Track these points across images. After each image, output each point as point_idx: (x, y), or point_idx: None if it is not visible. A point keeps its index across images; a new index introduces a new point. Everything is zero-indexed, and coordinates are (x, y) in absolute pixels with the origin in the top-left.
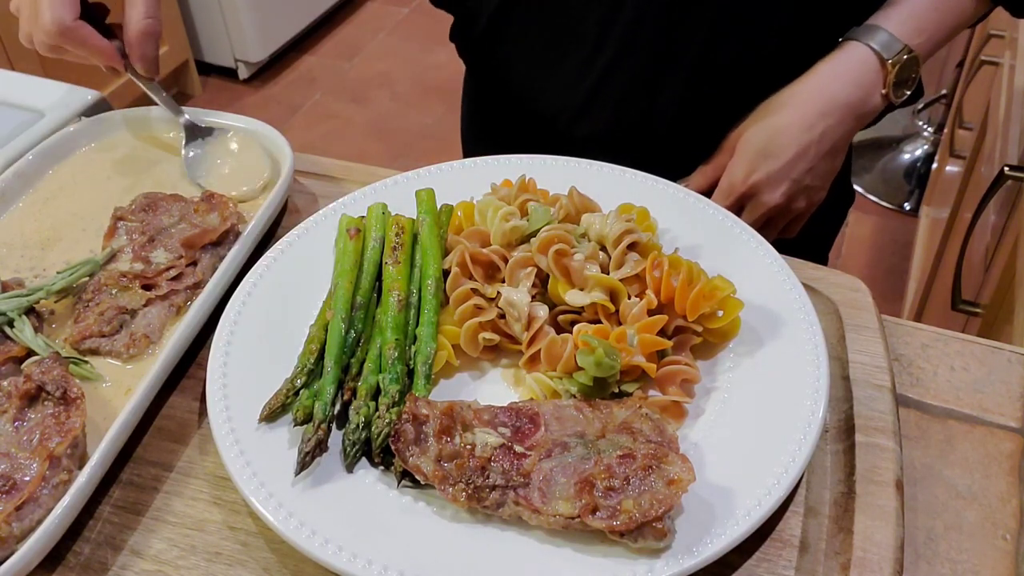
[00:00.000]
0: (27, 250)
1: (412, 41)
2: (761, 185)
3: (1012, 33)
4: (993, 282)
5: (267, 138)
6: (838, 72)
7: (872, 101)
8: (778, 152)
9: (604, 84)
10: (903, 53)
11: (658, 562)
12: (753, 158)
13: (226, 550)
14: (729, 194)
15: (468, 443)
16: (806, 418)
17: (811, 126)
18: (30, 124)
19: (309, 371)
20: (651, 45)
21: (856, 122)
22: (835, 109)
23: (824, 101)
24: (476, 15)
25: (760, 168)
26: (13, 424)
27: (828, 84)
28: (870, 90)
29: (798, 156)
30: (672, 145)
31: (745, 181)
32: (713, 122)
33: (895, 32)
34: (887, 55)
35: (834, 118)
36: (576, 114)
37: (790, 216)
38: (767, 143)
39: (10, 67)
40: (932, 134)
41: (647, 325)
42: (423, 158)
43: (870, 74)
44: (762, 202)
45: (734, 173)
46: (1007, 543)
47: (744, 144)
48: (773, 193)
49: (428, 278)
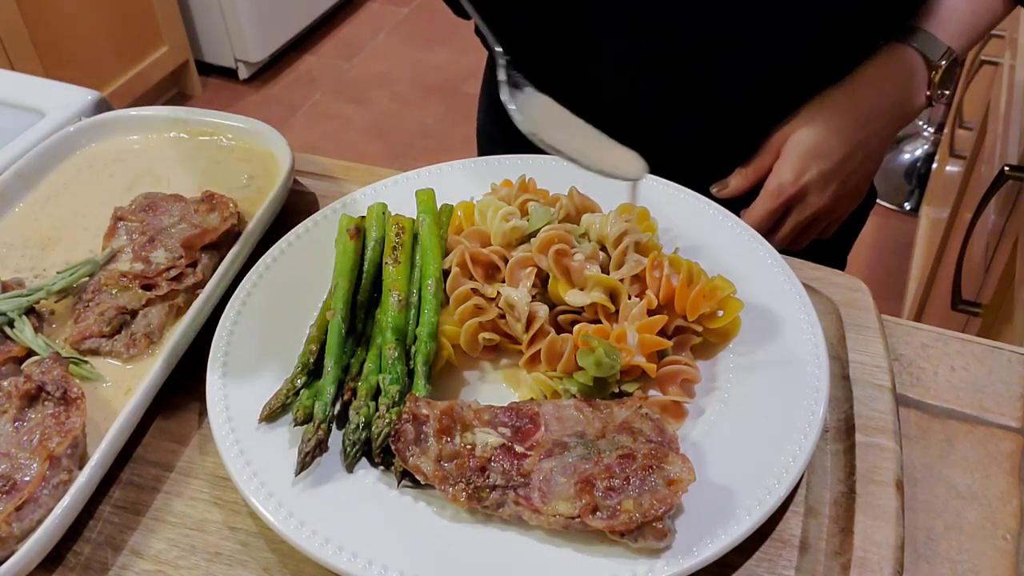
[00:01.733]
0: (27, 250)
1: (412, 41)
2: (812, 186)
3: (1012, 33)
4: (993, 282)
5: (267, 138)
6: (886, 73)
7: (917, 102)
8: (829, 152)
9: (642, 83)
10: (947, 55)
11: (658, 562)
12: (803, 159)
13: (226, 550)
14: (779, 195)
15: (468, 443)
16: (806, 418)
17: (861, 127)
18: (30, 124)
19: (309, 371)
20: (684, 61)
21: (901, 122)
22: (884, 110)
23: (872, 102)
24: (551, 38)
25: (811, 169)
26: (13, 424)
27: (878, 85)
28: (916, 91)
29: (848, 156)
30: (713, 144)
31: (796, 182)
32: (755, 121)
33: (938, 34)
34: (933, 57)
35: (883, 119)
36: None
37: (832, 217)
38: (818, 144)
39: (10, 67)
40: (932, 134)
41: (647, 325)
42: (423, 158)
43: (916, 75)
44: (810, 203)
45: (783, 174)
46: (1007, 543)
47: (793, 145)
48: (822, 194)
49: (428, 278)
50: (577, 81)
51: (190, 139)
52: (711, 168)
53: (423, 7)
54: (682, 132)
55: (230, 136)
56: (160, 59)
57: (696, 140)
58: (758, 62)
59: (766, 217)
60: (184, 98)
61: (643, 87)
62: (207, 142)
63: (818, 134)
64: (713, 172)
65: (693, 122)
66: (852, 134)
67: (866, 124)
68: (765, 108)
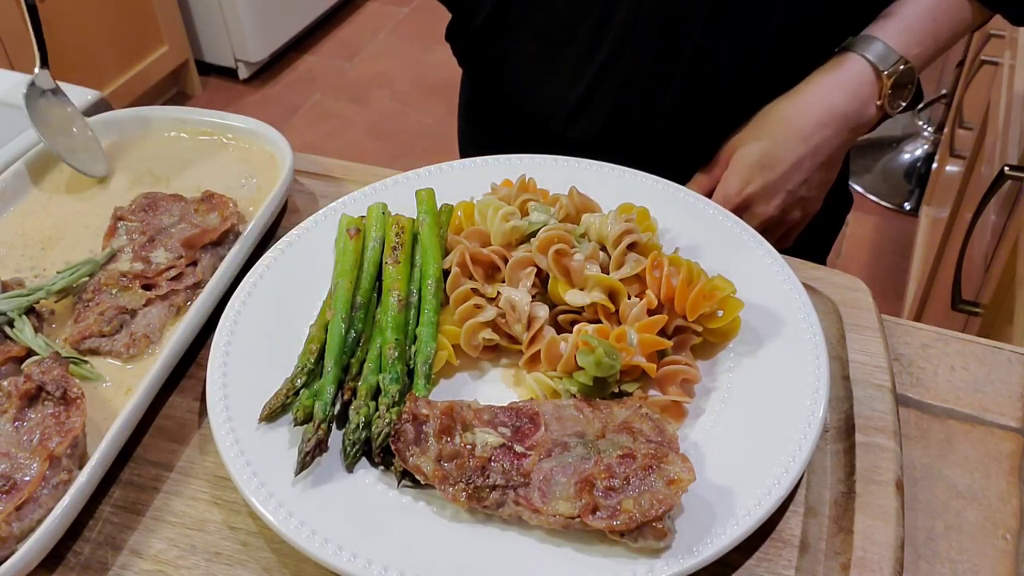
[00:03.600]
0: (27, 250)
1: (412, 41)
2: (756, 197)
3: (1012, 33)
4: (993, 282)
5: (267, 138)
6: (834, 84)
7: (868, 112)
8: (773, 164)
9: (599, 85)
10: (899, 64)
11: (658, 562)
12: (748, 170)
13: (226, 550)
14: (723, 206)
15: (468, 443)
16: (806, 418)
17: (807, 137)
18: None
19: (309, 371)
20: (647, 46)
21: (851, 133)
22: (831, 121)
23: (820, 113)
24: (474, 13)
25: (755, 180)
26: (13, 424)
27: (824, 96)
28: (866, 102)
29: (793, 168)
30: (666, 149)
31: (740, 193)
32: (708, 127)
33: (891, 43)
34: (883, 67)
35: (830, 130)
36: (570, 116)
37: (785, 227)
38: (762, 155)
39: (10, 67)
40: (932, 134)
41: (647, 325)
42: (423, 158)
43: (866, 86)
44: (756, 214)
45: (729, 185)
46: (1007, 543)
47: (739, 156)
48: (768, 205)
49: (428, 278)
50: (537, 76)
51: (190, 139)
52: (675, 168)
53: (423, 7)
54: (635, 135)
55: (230, 136)
56: (160, 59)
57: (649, 144)
58: (716, 71)
59: None
60: (184, 98)
61: (602, 86)
62: (207, 142)
63: (762, 146)
64: (674, 173)
65: (647, 124)
66: (796, 145)
67: (811, 135)
68: (719, 116)
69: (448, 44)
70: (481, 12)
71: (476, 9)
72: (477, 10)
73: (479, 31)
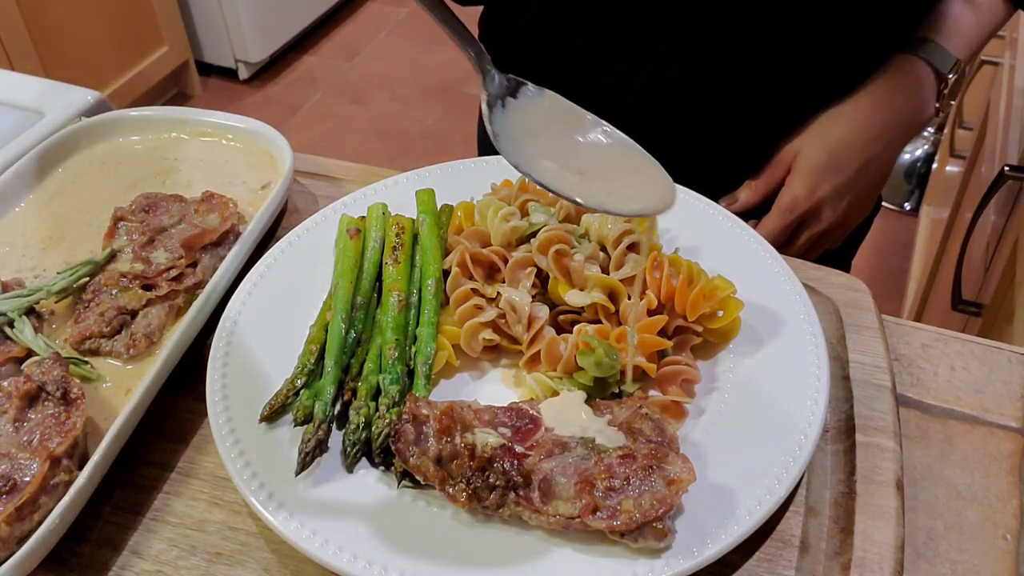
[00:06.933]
0: (27, 250)
1: (412, 41)
2: (826, 201)
3: (1012, 33)
4: (993, 282)
5: (267, 138)
6: (897, 86)
7: (927, 113)
8: (841, 167)
9: (659, 80)
10: (956, 66)
11: (658, 562)
12: (816, 174)
13: (226, 550)
14: (792, 211)
15: (468, 443)
16: (806, 418)
17: (874, 140)
18: (30, 124)
19: (309, 371)
20: (701, 58)
21: (911, 134)
22: (896, 123)
23: (885, 115)
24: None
25: (824, 183)
26: (13, 424)
27: (889, 98)
28: (926, 103)
29: (861, 170)
30: (714, 156)
31: (810, 197)
32: (757, 133)
33: (946, 45)
34: (943, 68)
35: (894, 132)
36: (637, 98)
37: (847, 229)
38: (830, 158)
39: (10, 67)
40: (932, 134)
41: (647, 325)
42: (423, 158)
43: (927, 87)
44: (824, 218)
45: (796, 189)
46: (1007, 543)
47: (805, 160)
48: (836, 208)
49: (428, 278)
50: (588, 75)
51: (190, 139)
52: (716, 178)
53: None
54: (692, 136)
55: (230, 136)
56: (160, 59)
57: (705, 146)
58: (776, 72)
59: (779, 232)
60: (184, 98)
61: (660, 84)
62: (207, 142)
63: (830, 149)
64: (717, 182)
65: (704, 125)
66: (864, 148)
67: (878, 138)
68: (777, 118)
69: (451, 44)
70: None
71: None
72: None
73: (535, 22)
